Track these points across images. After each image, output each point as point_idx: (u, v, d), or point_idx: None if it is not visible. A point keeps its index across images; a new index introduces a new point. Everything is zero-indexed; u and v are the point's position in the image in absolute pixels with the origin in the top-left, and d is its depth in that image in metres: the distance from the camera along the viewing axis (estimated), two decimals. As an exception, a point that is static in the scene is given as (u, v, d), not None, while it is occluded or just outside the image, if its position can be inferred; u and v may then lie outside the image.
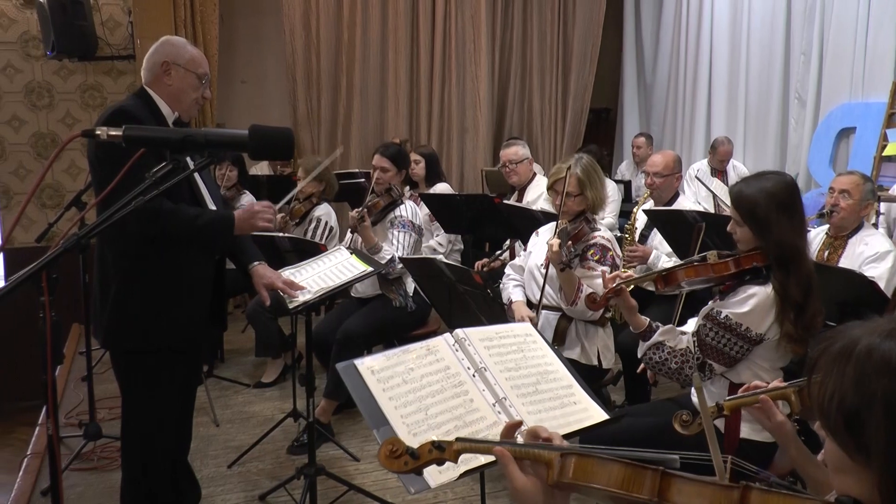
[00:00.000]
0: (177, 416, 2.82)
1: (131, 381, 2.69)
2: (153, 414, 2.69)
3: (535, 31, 8.07)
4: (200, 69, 2.73)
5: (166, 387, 2.69)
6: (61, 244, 1.64)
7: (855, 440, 0.96)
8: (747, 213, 2.42)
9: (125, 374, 2.70)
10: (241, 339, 5.80)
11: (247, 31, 7.50)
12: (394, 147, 4.44)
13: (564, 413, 1.72)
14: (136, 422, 2.71)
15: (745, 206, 2.42)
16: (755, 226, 2.41)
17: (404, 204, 4.29)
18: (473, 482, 3.32)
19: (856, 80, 6.32)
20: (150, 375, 2.65)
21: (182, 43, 2.76)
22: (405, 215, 4.22)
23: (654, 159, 4.42)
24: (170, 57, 2.68)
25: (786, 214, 2.39)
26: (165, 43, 2.73)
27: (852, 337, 0.99)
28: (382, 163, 4.25)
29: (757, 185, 2.45)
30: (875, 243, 3.58)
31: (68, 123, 6.46)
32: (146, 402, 2.68)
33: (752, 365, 2.48)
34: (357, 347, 3.95)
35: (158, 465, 2.75)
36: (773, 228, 2.38)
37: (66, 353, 5.37)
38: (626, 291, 2.53)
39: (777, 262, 2.38)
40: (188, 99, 2.72)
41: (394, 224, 4.20)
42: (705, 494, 1.07)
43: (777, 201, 2.39)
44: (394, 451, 1.27)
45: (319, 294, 2.92)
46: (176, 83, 2.69)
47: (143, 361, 2.63)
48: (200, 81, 2.74)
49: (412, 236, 4.19)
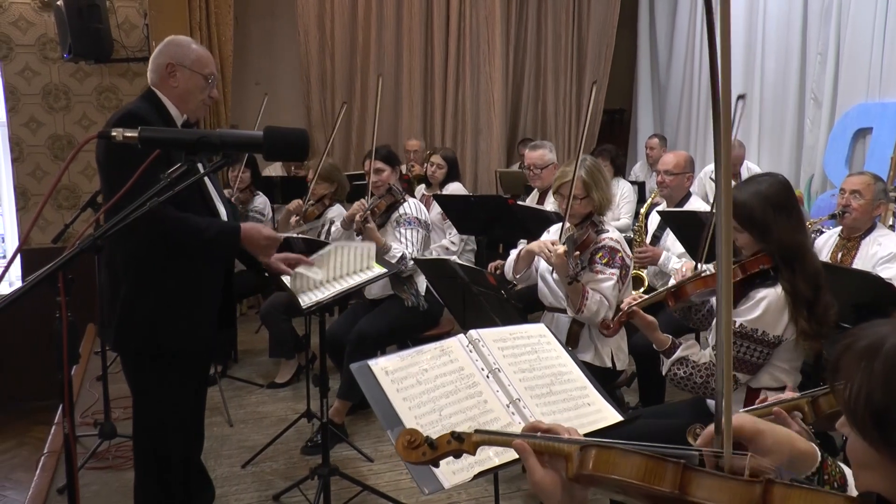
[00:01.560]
0: (187, 417, 2.81)
1: (141, 383, 2.68)
2: (163, 415, 2.68)
3: (550, 32, 8.07)
4: (206, 69, 2.66)
5: (176, 388, 2.68)
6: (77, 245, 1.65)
7: (882, 435, 0.96)
8: (745, 219, 2.41)
9: (134, 375, 2.69)
10: (254, 339, 5.83)
11: (261, 33, 7.53)
12: (383, 149, 4.45)
13: (578, 414, 1.72)
14: (146, 423, 2.71)
15: (742, 212, 2.41)
16: (754, 230, 2.41)
17: (407, 201, 4.30)
18: (487, 483, 3.31)
19: (872, 81, 6.26)
20: (159, 377, 2.63)
21: (186, 42, 2.69)
22: (410, 212, 4.23)
23: (666, 158, 4.43)
24: (174, 58, 2.61)
25: (783, 214, 2.39)
26: (170, 43, 2.66)
27: (879, 334, 0.99)
28: (376, 165, 4.27)
29: (750, 189, 2.44)
30: (888, 243, 3.55)
31: (84, 125, 6.50)
32: (156, 404, 2.67)
33: (772, 368, 2.46)
34: (370, 348, 3.96)
35: (169, 466, 2.74)
36: (772, 230, 2.38)
37: (82, 353, 5.41)
38: (640, 312, 2.53)
39: (783, 261, 2.38)
40: (195, 100, 2.67)
41: (400, 222, 4.21)
42: (727, 489, 1.05)
43: (772, 203, 2.39)
44: (412, 442, 1.27)
45: (333, 295, 2.93)
46: (182, 84, 2.62)
47: (152, 363, 2.62)
48: (207, 82, 2.67)
49: (420, 232, 4.21)
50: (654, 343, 2.58)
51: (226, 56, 6.64)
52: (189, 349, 2.66)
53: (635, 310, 2.53)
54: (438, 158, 5.58)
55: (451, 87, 7.68)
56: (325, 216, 4.88)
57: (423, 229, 4.25)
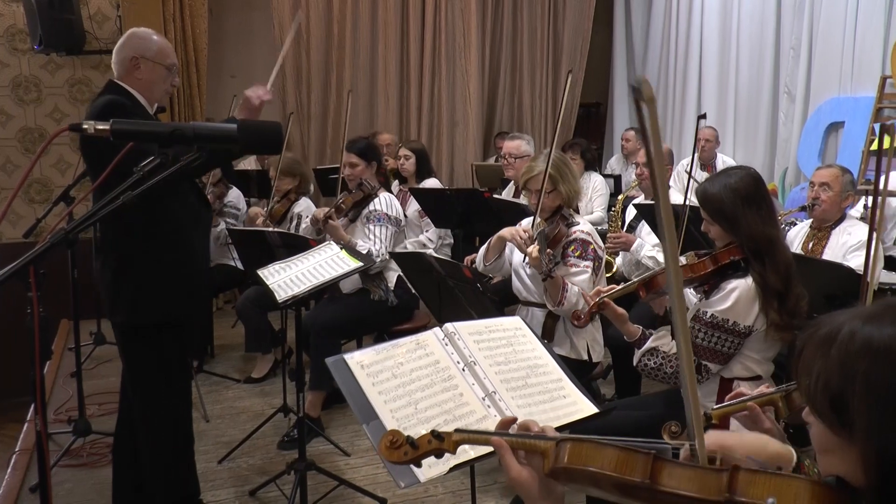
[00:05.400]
0: (189, 387, 3.00)
1: (146, 364, 2.78)
2: (172, 396, 2.81)
3: (526, 26, 8.07)
4: (168, 60, 2.82)
5: (179, 360, 2.85)
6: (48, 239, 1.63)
7: (839, 419, 1.00)
8: (715, 212, 2.45)
9: (140, 352, 2.77)
10: (231, 334, 5.80)
11: (236, 26, 7.46)
12: (361, 141, 4.40)
13: (554, 406, 1.73)
14: (157, 409, 2.80)
15: (712, 205, 2.45)
16: (724, 222, 2.44)
17: (379, 197, 4.22)
18: (464, 476, 3.32)
19: (844, 75, 6.35)
20: (164, 350, 2.77)
21: (148, 34, 2.82)
22: (380, 209, 4.17)
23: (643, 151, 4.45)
24: (138, 51, 2.74)
25: (753, 207, 2.43)
26: (132, 36, 2.79)
27: (836, 323, 1.04)
28: (350, 158, 4.24)
29: (720, 182, 2.48)
30: (858, 233, 3.67)
31: (56, 118, 6.41)
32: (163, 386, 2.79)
33: (744, 358, 2.50)
34: (332, 339, 3.97)
35: (184, 439, 2.92)
36: (741, 223, 2.41)
37: (56, 349, 5.35)
38: (611, 303, 2.55)
39: (752, 254, 2.41)
40: (159, 90, 2.83)
41: (369, 219, 4.15)
42: (695, 478, 1.09)
43: (741, 196, 2.43)
44: (394, 442, 1.30)
45: (308, 289, 2.92)
46: (146, 76, 2.77)
47: (156, 339, 2.73)
48: (169, 72, 2.82)
49: (389, 229, 4.14)
50: (625, 334, 2.60)
51: (200, 48, 6.57)
52: (195, 316, 2.85)
53: (606, 301, 2.55)
54: (405, 150, 5.55)
55: (427, 81, 7.66)
56: (293, 211, 4.85)
57: (394, 226, 4.19)
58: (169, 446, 2.84)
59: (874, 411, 0.96)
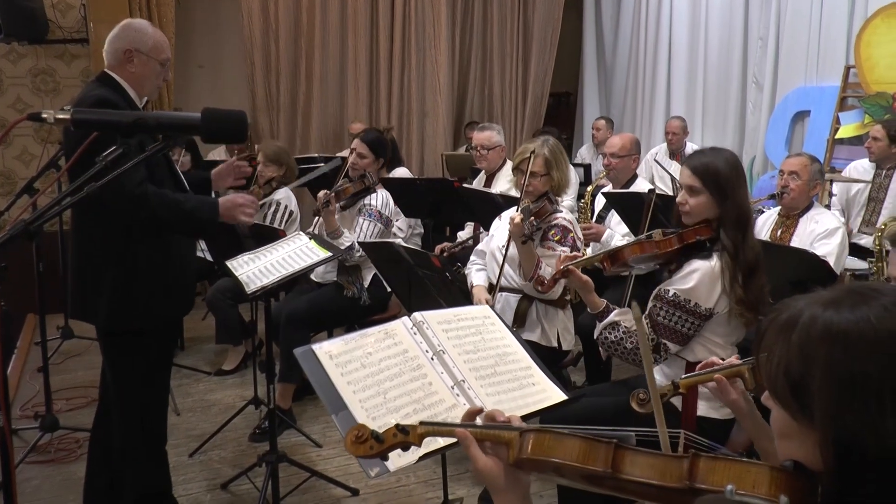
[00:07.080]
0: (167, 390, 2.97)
1: (127, 365, 2.72)
2: (152, 390, 2.77)
3: (496, 16, 8.06)
4: (163, 55, 2.77)
5: (160, 362, 2.81)
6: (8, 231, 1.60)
7: (799, 403, 1.01)
8: (710, 180, 2.47)
9: (120, 355, 2.72)
10: (201, 326, 5.74)
11: (204, 15, 7.37)
12: (374, 133, 4.39)
13: (523, 394, 1.73)
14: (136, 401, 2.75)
15: (709, 173, 2.48)
16: (717, 192, 2.46)
17: (376, 193, 4.24)
18: (436, 465, 3.33)
19: (810, 65, 6.44)
20: (145, 352, 2.71)
21: (144, 27, 2.77)
22: (374, 204, 4.19)
23: (612, 140, 4.49)
24: (133, 44, 2.68)
25: (741, 180, 2.51)
26: (128, 28, 2.73)
27: (797, 308, 1.05)
28: (361, 148, 4.23)
29: (714, 154, 2.54)
30: (825, 221, 3.72)
31: (19, 109, 6.29)
32: (143, 386, 2.74)
33: (706, 342, 2.52)
34: (302, 330, 3.95)
35: (161, 441, 2.88)
36: (733, 193, 2.46)
37: (22, 344, 5.27)
38: (576, 271, 2.55)
39: (735, 225, 2.44)
40: (151, 84, 2.78)
41: (362, 212, 4.18)
42: (656, 465, 1.11)
43: (735, 167, 2.51)
44: (360, 437, 1.29)
45: (278, 279, 2.90)
46: (139, 70, 2.71)
47: (138, 342, 2.68)
48: (163, 67, 2.78)
49: (377, 226, 4.16)
50: (588, 305, 2.61)
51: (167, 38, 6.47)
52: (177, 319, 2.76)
53: (571, 268, 2.55)
54: None
55: (397, 71, 7.63)
56: (272, 197, 4.81)
57: (382, 224, 4.20)
58: (142, 443, 2.80)
59: (833, 396, 0.97)
